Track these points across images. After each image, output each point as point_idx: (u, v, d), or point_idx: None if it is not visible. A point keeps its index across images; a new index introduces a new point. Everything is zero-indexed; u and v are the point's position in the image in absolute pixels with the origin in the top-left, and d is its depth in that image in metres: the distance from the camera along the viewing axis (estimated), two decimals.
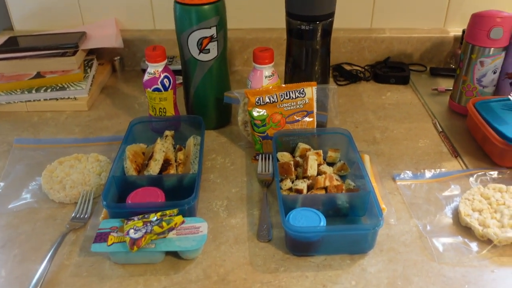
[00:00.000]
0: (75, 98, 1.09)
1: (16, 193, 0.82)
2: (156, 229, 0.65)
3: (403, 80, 1.17)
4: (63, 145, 0.94)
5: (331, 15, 0.87)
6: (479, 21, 0.94)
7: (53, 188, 0.80)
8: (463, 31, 1.19)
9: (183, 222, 0.68)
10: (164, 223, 0.66)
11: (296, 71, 0.93)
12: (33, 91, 1.08)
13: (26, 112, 1.08)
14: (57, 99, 1.09)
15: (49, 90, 1.08)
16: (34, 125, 1.03)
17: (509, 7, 1.17)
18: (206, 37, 0.89)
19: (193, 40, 0.89)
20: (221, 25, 0.90)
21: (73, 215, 0.77)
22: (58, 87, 1.09)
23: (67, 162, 0.87)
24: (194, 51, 0.90)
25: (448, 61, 1.25)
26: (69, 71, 1.12)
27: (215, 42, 0.90)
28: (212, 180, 0.85)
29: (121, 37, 1.23)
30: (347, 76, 1.20)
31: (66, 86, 1.09)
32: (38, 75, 1.10)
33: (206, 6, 0.87)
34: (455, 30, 1.24)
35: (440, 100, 1.10)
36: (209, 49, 0.90)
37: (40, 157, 0.91)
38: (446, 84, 1.16)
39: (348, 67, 1.24)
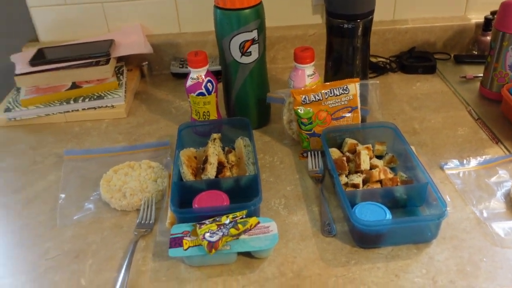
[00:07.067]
0: (112, 106, 1.11)
1: (78, 204, 0.84)
2: (233, 231, 0.67)
3: (430, 69, 1.20)
4: (112, 154, 0.96)
5: (371, 12, 0.89)
6: (510, 9, 0.96)
7: (114, 197, 0.82)
8: (485, 18, 1.22)
9: (258, 223, 0.70)
10: (240, 225, 0.68)
11: (337, 68, 0.95)
12: (71, 102, 1.09)
13: (65, 122, 1.09)
14: (95, 108, 1.10)
15: (87, 100, 1.09)
16: (77, 136, 1.04)
17: None
18: (247, 40, 0.91)
19: (235, 44, 0.91)
20: (262, 28, 0.92)
21: (138, 221, 0.79)
22: (95, 96, 1.10)
23: (121, 170, 0.88)
24: (236, 54, 0.92)
25: (471, 48, 1.28)
26: (104, 79, 1.13)
27: (256, 45, 0.92)
28: (266, 179, 0.88)
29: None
30: (375, 68, 1.22)
31: (103, 94, 1.11)
32: (74, 86, 1.11)
33: (246, 10, 0.89)
34: (476, 17, 1.26)
35: (469, 87, 1.13)
36: (250, 52, 0.92)
37: (92, 167, 0.92)
38: (472, 70, 1.19)
39: (373, 59, 1.26)
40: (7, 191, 0.89)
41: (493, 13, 1.21)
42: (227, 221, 0.69)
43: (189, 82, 0.95)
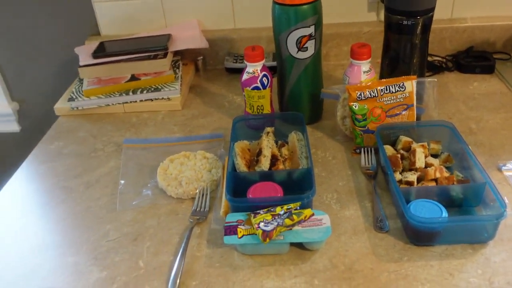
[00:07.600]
0: (168, 99, 1.14)
1: (136, 190, 0.87)
2: (287, 221, 0.69)
3: (488, 69, 1.17)
4: (168, 144, 0.99)
5: (432, 9, 0.88)
6: None
7: (171, 185, 0.85)
8: None
9: (312, 215, 0.71)
10: (294, 216, 0.69)
11: (394, 66, 0.95)
12: (130, 93, 1.13)
13: (123, 113, 1.14)
14: (152, 100, 1.14)
15: (144, 92, 1.13)
16: (134, 126, 1.08)
17: None
18: (305, 36, 0.92)
19: (292, 39, 0.92)
20: (319, 24, 0.93)
21: (193, 209, 0.82)
22: (153, 89, 1.14)
23: (177, 160, 0.91)
24: (292, 49, 0.93)
25: None
26: (161, 72, 1.17)
27: (313, 40, 0.93)
28: (318, 174, 0.88)
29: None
30: (430, 67, 1.20)
31: (160, 87, 1.14)
32: (133, 78, 1.16)
33: (305, 6, 0.89)
34: None
35: None
36: (307, 47, 0.93)
37: (149, 156, 0.96)
38: None
39: (429, 58, 1.24)
40: (69, 176, 0.94)
41: None
42: (282, 212, 0.71)
43: (245, 76, 0.97)
